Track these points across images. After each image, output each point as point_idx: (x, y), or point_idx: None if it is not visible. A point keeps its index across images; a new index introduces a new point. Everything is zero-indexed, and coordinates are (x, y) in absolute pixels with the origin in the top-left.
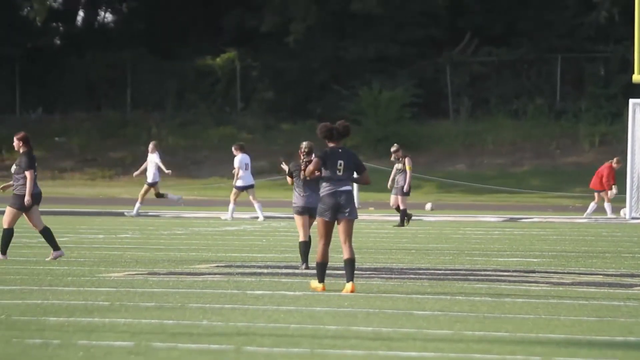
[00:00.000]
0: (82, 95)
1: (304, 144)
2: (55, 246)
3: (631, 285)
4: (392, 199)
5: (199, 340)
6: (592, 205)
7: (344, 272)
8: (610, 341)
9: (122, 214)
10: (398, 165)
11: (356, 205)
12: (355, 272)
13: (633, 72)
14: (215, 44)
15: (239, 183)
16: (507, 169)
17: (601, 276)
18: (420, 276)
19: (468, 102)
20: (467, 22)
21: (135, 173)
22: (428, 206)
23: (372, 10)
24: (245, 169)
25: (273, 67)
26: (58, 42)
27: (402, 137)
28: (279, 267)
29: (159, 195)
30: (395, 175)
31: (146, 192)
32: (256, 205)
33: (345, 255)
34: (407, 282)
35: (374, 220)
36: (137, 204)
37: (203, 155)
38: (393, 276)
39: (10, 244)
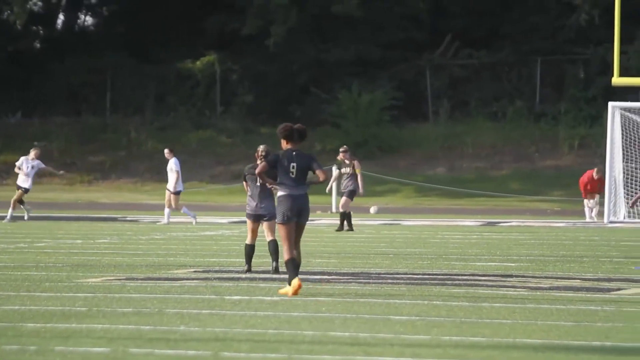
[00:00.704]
0: (62, 99)
1: (261, 147)
2: None
3: (608, 290)
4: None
5: (176, 346)
6: (587, 210)
7: (321, 276)
8: (587, 346)
9: (99, 219)
10: (346, 169)
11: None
12: (334, 277)
13: (613, 75)
14: (195, 47)
15: (179, 187)
16: (487, 173)
17: (579, 280)
18: (398, 281)
19: (447, 104)
20: (448, 25)
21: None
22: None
23: (353, 13)
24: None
25: (253, 70)
26: (38, 45)
27: (381, 140)
28: (256, 272)
29: (21, 202)
30: (342, 180)
31: (20, 196)
32: (168, 210)
33: None
34: (385, 287)
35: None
36: (10, 210)
37: (182, 160)
38: (371, 281)
39: None
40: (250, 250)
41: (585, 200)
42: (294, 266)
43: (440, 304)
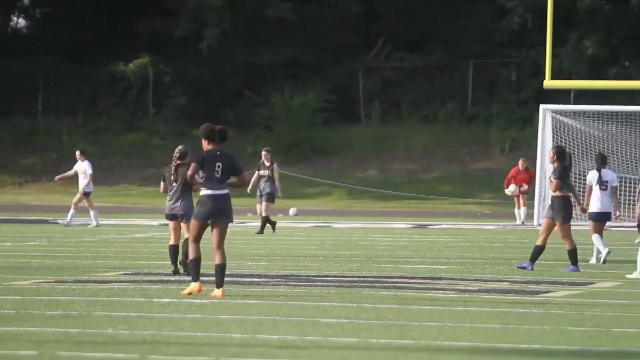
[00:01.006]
0: None
1: (178, 147)
2: None
3: (537, 292)
4: (258, 207)
5: (104, 349)
6: (517, 211)
7: (253, 279)
8: (515, 349)
9: (29, 222)
10: (264, 172)
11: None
12: (263, 279)
13: (544, 78)
14: (128, 50)
15: (88, 189)
16: (418, 175)
17: (507, 283)
18: (328, 283)
19: (380, 107)
20: (380, 28)
21: None
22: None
23: (286, 17)
24: None
25: (186, 73)
26: None
27: (313, 142)
28: (185, 275)
29: None
30: (261, 182)
31: None
32: (94, 212)
33: (218, 260)
34: (314, 290)
35: (282, 227)
36: None
37: (114, 162)
38: (300, 283)
39: None
40: (174, 251)
41: (506, 190)
42: (197, 267)
43: (369, 307)
